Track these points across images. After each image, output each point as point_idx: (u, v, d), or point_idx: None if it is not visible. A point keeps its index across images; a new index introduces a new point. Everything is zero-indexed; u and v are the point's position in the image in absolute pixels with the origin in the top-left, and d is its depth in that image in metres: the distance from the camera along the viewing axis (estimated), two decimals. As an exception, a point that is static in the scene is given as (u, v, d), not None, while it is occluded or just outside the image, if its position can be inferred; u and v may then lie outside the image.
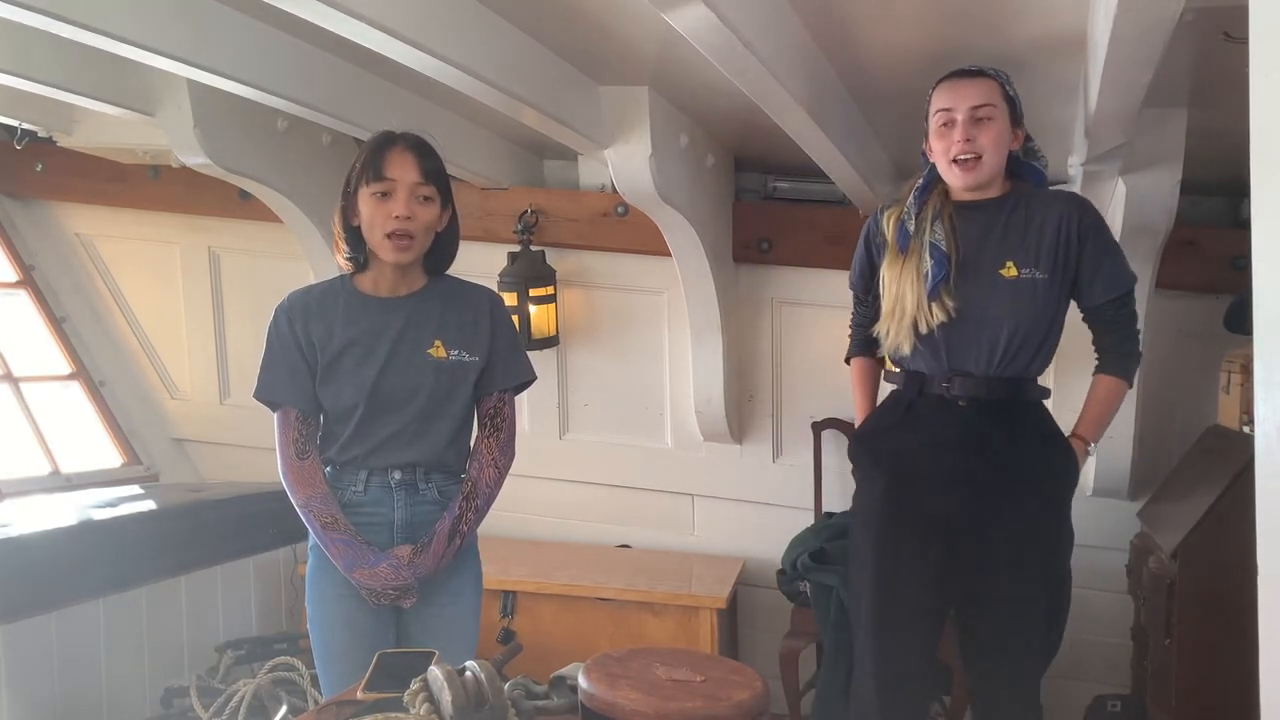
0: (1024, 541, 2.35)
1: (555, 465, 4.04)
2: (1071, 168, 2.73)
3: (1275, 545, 0.85)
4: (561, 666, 1.78)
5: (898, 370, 2.50)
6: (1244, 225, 2.87)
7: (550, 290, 3.77)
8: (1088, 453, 2.45)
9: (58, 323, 4.43)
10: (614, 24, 2.47)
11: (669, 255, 3.47)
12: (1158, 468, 3.42)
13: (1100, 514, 3.55)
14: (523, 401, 2.44)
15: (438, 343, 2.25)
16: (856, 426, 2.62)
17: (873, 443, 2.52)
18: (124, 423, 4.48)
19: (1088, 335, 2.49)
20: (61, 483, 4.09)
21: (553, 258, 3.79)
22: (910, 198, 2.41)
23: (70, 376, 4.43)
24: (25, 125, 3.67)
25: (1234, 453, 2.94)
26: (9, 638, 2.95)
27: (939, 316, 2.32)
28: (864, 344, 2.63)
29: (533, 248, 3.74)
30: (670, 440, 3.98)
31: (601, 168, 3.39)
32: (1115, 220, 2.94)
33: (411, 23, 2.11)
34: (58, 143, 3.87)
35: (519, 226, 3.74)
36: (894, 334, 2.40)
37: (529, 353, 2.47)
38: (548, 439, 4.04)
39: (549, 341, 3.81)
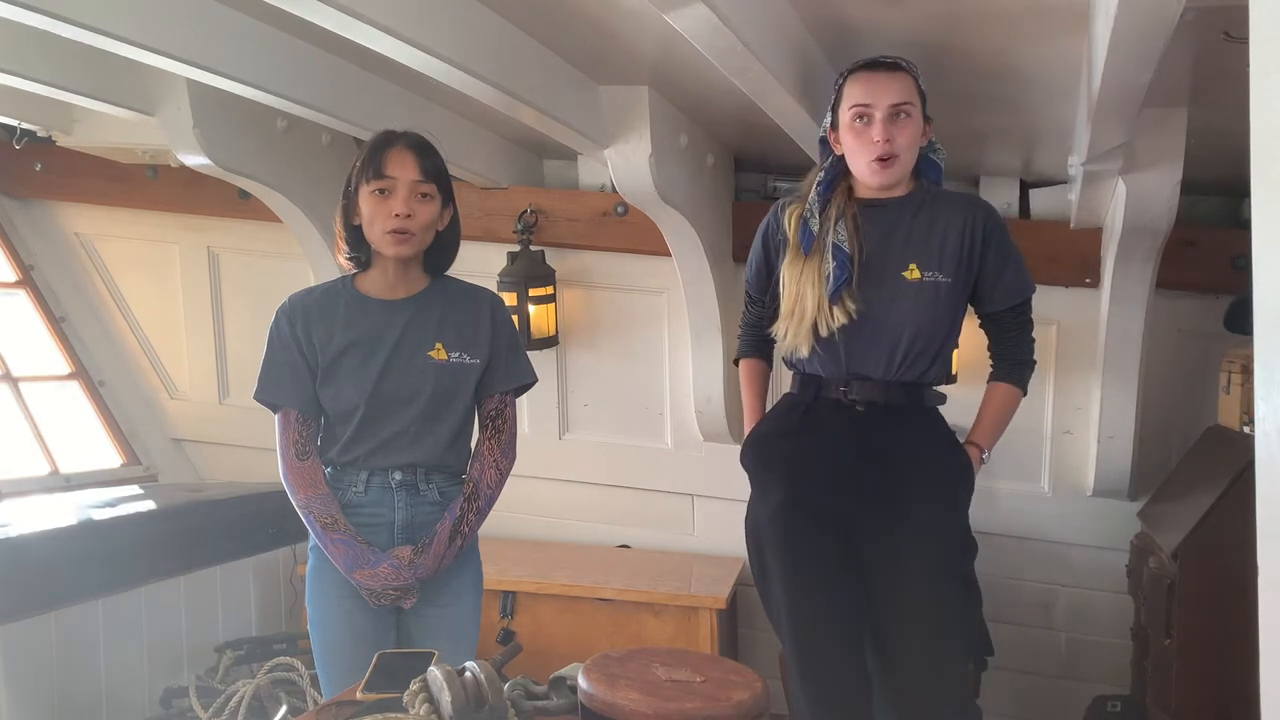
0: (925, 547, 2.29)
1: (555, 465, 4.03)
2: (1072, 167, 2.73)
3: (1275, 545, 0.85)
4: (561, 667, 1.78)
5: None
6: (1244, 225, 2.87)
7: (550, 290, 3.77)
8: (983, 460, 2.40)
9: (57, 322, 4.43)
10: (614, 24, 2.47)
11: (669, 255, 3.47)
12: (1158, 468, 3.41)
13: (1100, 514, 3.56)
14: (522, 402, 2.44)
15: (439, 345, 2.25)
16: (747, 431, 2.53)
17: (767, 448, 2.44)
18: (123, 423, 4.48)
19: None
20: (61, 483, 4.09)
21: (552, 257, 3.79)
22: (813, 194, 2.35)
23: (69, 376, 4.43)
24: (24, 125, 3.68)
25: (1234, 453, 2.94)
26: (9, 638, 2.95)
27: (840, 319, 2.27)
28: (755, 345, 2.58)
29: (532, 247, 3.74)
30: (670, 440, 3.98)
31: (601, 167, 3.39)
32: (1116, 220, 2.94)
33: (411, 22, 2.11)
34: (57, 142, 3.88)
35: (518, 226, 3.73)
36: (792, 335, 2.33)
37: (529, 353, 2.47)
38: (547, 439, 4.03)
39: (548, 341, 3.81)
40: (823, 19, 2.31)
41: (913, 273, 2.29)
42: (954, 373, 2.47)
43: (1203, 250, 3.27)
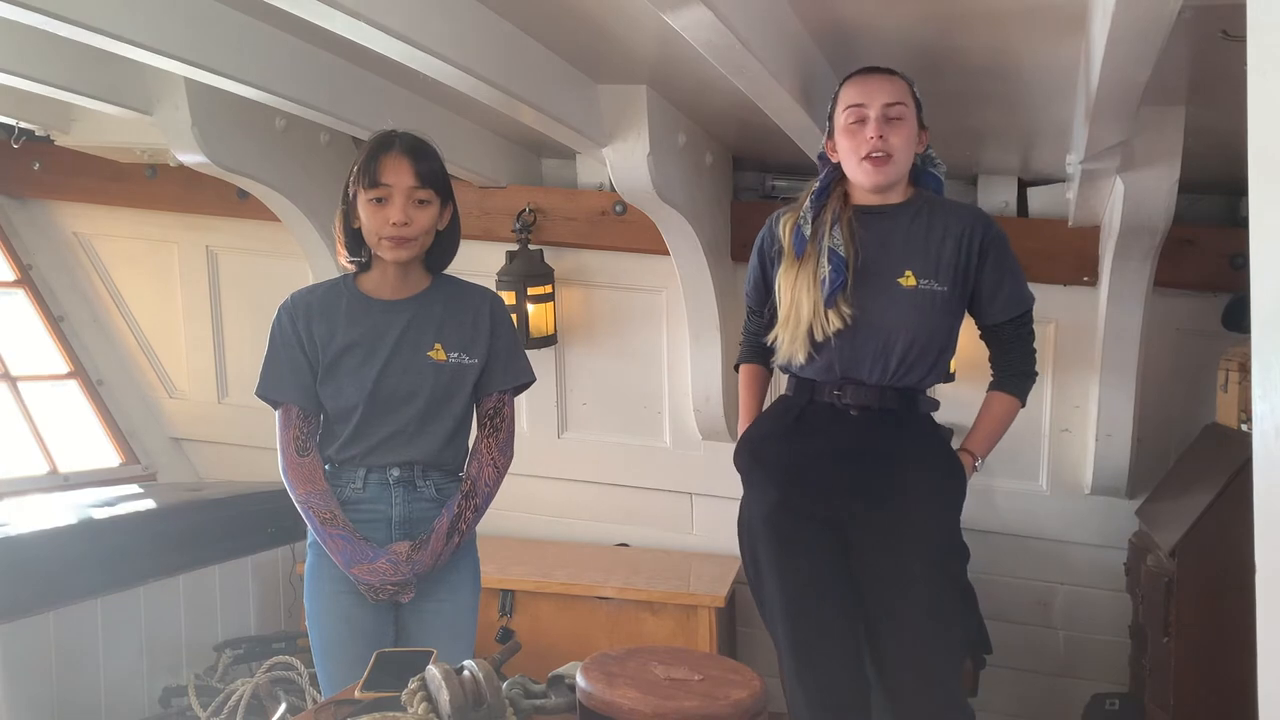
0: (917, 551, 2.28)
1: (554, 464, 4.03)
2: (1070, 166, 2.73)
3: (1273, 543, 0.85)
4: (560, 665, 1.78)
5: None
6: (1242, 223, 2.87)
7: (548, 289, 3.77)
8: (975, 468, 2.39)
9: (55, 322, 4.43)
10: (612, 23, 2.47)
11: (667, 254, 3.47)
12: (1156, 466, 3.41)
13: (1098, 512, 3.56)
14: (521, 401, 2.44)
15: (437, 345, 2.25)
16: (740, 433, 2.53)
17: (760, 450, 2.44)
18: (122, 422, 4.47)
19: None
20: (59, 482, 4.09)
21: (551, 256, 3.79)
22: (807, 202, 2.35)
23: (68, 376, 4.43)
24: (23, 124, 3.68)
25: (1232, 451, 2.94)
26: (8, 637, 2.95)
27: (835, 324, 2.26)
28: (754, 351, 2.57)
29: (531, 246, 3.74)
30: (669, 439, 3.98)
31: (599, 166, 3.39)
32: (1114, 219, 2.94)
33: (410, 22, 2.11)
34: (55, 142, 3.88)
35: (517, 225, 3.73)
36: (789, 342, 2.32)
37: (527, 352, 2.47)
38: (546, 438, 4.04)
39: (547, 340, 3.81)
40: (821, 18, 2.31)
41: (908, 279, 2.27)
42: (951, 372, 2.46)
43: (1201, 249, 3.27)
